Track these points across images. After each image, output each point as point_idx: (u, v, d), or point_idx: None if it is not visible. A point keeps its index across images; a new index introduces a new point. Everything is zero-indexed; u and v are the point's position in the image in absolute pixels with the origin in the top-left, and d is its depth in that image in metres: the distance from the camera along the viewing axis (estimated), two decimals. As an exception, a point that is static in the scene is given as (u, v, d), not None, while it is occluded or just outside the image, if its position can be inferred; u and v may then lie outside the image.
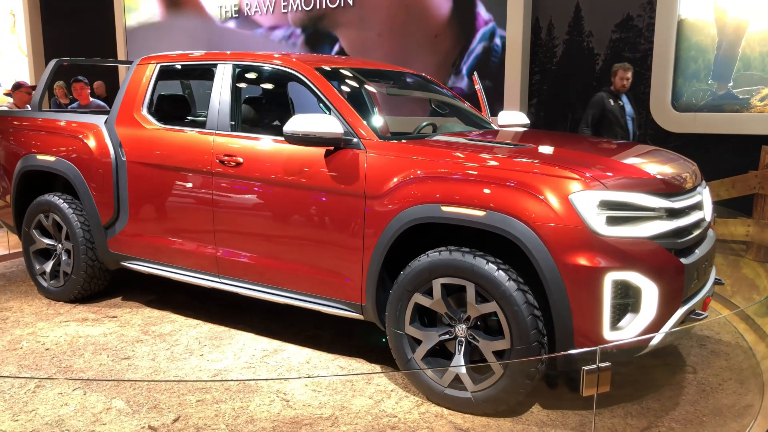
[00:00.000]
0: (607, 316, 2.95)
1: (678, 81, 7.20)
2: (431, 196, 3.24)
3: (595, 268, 2.92)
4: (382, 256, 3.41)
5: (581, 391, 2.60)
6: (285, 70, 4.00)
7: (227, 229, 4.03)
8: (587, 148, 3.92)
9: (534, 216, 2.99)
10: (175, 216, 4.28)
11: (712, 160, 6.51)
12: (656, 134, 7.34)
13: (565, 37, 7.88)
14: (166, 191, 4.28)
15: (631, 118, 6.56)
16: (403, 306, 3.36)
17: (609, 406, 3.34)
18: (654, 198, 3.06)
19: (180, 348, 4.07)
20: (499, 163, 3.22)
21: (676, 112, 7.24)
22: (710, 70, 7.06)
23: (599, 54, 7.72)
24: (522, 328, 3.03)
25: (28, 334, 4.30)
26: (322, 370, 3.79)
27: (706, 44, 7.06)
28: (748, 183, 6.05)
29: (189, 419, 3.18)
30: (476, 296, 3.16)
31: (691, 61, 7.13)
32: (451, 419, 3.21)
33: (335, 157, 3.58)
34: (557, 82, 8.09)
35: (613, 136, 6.35)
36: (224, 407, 3.31)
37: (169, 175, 4.24)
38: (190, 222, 4.20)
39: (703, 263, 3.32)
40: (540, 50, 8.08)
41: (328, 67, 4.06)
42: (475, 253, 3.15)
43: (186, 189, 4.16)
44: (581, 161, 3.25)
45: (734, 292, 5.19)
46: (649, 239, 3.01)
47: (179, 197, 4.22)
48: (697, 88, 7.16)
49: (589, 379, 2.61)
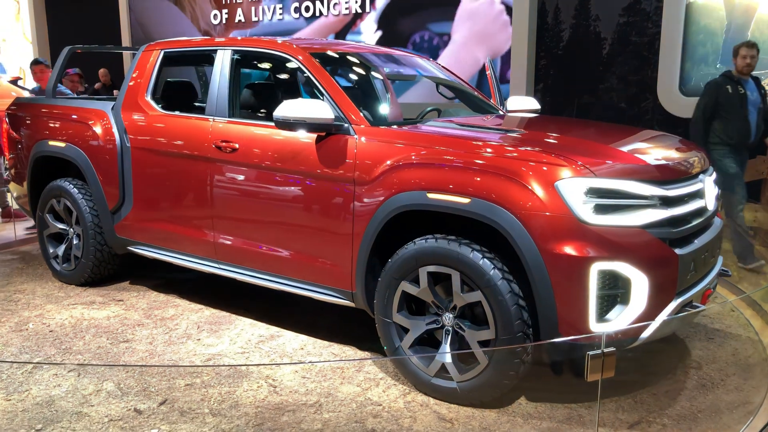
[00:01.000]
0: (593, 307, 2.86)
1: (686, 65, 7.01)
2: (418, 183, 3.19)
3: (580, 258, 2.83)
4: (371, 244, 3.38)
5: (585, 377, 2.52)
6: (280, 54, 3.97)
7: (224, 215, 4.05)
8: (584, 134, 3.80)
9: (518, 204, 2.92)
10: (176, 201, 4.32)
11: None
12: (664, 119, 7.19)
13: (572, 21, 7.74)
14: (168, 177, 4.32)
15: (757, 108, 5.46)
16: (390, 294, 3.32)
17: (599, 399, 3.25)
18: (646, 186, 2.94)
19: (179, 332, 4.12)
20: (485, 150, 3.14)
21: (684, 96, 7.01)
22: (719, 54, 6.91)
23: (606, 38, 7.57)
24: (506, 318, 2.97)
25: (36, 316, 4.41)
26: (315, 356, 3.79)
27: (715, 27, 6.84)
28: (757, 168, 5.89)
29: (175, 403, 3.21)
30: (461, 285, 3.10)
31: (700, 45, 6.94)
32: (435, 409, 3.17)
33: (326, 143, 3.55)
34: (564, 67, 7.94)
35: (733, 130, 5.40)
36: (212, 392, 3.33)
37: (170, 161, 4.27)
38: (190, 207, 4.23)
39: (703, 254, 3.19)
40: (546, 35, 7.95)
41: (325, 52, 4.02)
42: (460, 241, 3.09)
43: (186, 175, 4.19)
44: (572, 147, 3.15)
45: (741, 277, 5.10)
46: (641, 228, 2.91)
47: (180, 183, 4.26)
48: (706, 72, 6.95)
49: (593, 363, 2.53)
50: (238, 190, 3.95)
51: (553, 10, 7.89)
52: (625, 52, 7.50)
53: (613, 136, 3.70)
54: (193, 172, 4.14)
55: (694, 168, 3.31)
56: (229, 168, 3.95)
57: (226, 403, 3.22)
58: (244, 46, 4.20)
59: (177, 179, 4.26)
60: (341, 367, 3.61)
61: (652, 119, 7.21)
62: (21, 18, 15.24)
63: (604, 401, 3.23)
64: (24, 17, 15.04)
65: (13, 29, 15.51)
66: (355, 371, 3.57)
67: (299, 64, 3.83)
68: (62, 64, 5.38)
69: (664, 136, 3.80)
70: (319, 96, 3.70)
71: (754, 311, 4.50)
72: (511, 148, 3.13)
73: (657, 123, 7.17)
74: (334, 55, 4.17)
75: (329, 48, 4.22)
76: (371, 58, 4.45)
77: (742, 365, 3.76)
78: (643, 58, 6.58)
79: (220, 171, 4.00)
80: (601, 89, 7.71)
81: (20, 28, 15.33)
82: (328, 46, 4.39)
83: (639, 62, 6.54)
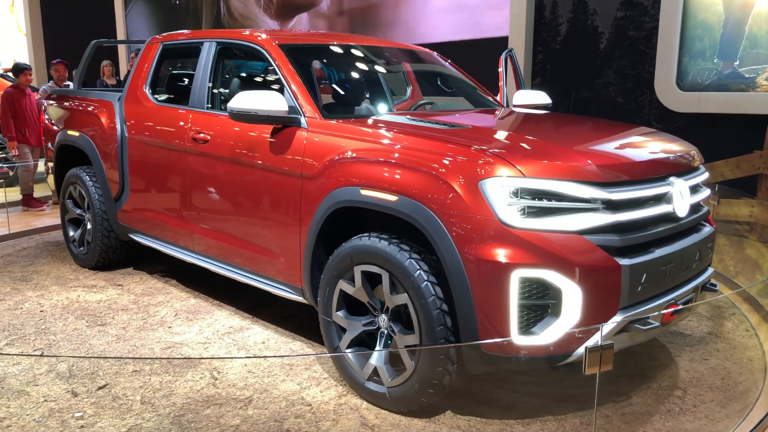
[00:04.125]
0: (514, 317, 2.64)
1: (683, 60, 6.84)
2: (354, 179, 3.07)
3: (499, 264, 2.61)
4: (314, 240, 3.29)
5: (584, 370, 2.36)
6: (251, 45, 3.95)
7: (197, 205, 4.09)
8: (539, 130, 3.53)
9: (441, 203, 2.74)
10: (162, 191, 4.41)
11: (717, 140, 6.60)
12: (661, 114, 7.05)
13: (570, 15, 7.62)
14: (155, 167, 4.42)
15: None
16: (330, 292, 3.23)
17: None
18: (586, 187, 2.68)
19: (155, 319, 4.20)
20: (418, 146, 2.96)
21: (681, 91, 6.96)
22: (716, 48, 6.78)
23: (604, 32, 7.46)
24: (429, 323, 2.80)
25: (37, 296, 4.64)
26: (272, 351, 3.75)
27: (713, 22, 6.74)
28: (753, 163, 5.94)
29: (114, 388, 3.27)
30: (390, 286, 2.96)
31: (697, 40, 6.79)
32: (364, 414, 3.05)
33: (280, 136, 3.49)
34: (561, 62, 7.83)
35: None
36: (154, 380, 3.37)
37: (157, 151, 4.37)
38: (172, 198, 4.30)
39: (665, 265, 2.87)
40: (544, 29, 7.82)
41: (297, 43, 3.95)
42: (390, 240, 2.94)
43: (169, 165, 4.27)
44: (512, 146, 2.92)
45: (737, 272, 5.10)
46: (577, 234, 2.65)
47: (164, 173, 4.34)
48: (703, 67, 6.81)
49: (591, 357, 2.36)
50: (209, 182, 3.97)
51: (551, 5, 7.73)
52: (622, 46, 7.39)
53: (583, 134, 3.42)
54: (174, 163, 4.21)
55: (661, 170, 2.99)
56: (201, 159, 3.99)
57: (161, 392, 3.24)
58: (223, 38, 4.21)
59: (163, 169, 4.35)
60: (291, 364, 3.55)
61: (649, 114, 7.08)
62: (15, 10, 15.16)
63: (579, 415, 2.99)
64: (18, 9, 14.93)
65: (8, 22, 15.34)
66: (303, 369, 3.50)
67: (266, 55, 3.80)
68: (87, 57, 5.63)
69: (649, 133, 3.48)
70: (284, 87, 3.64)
71: (751, 306, 4.42)
72: (444, 144, 2.92)
73: (654, 118, 7.05)
74: (305, 47, 4.10)
75: (304, 39, 4.15)
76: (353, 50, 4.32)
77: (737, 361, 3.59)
78: (641, 52, 6.48)
79: (194, 162, 4.04)
80: (599, 84, 7.59)
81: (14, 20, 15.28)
82: (303, 37, 4.31)
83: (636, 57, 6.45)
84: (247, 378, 3.39)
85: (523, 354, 2.69)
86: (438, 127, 3.21)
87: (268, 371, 3.47)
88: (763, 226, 5.82)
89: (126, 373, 3.44)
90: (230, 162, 3.78)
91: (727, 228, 6.02)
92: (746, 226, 5.99)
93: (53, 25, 14.52)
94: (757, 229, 5.88)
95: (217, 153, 3.86)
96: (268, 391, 3.26)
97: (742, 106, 6.66)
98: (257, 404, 3.13)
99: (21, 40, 15.11)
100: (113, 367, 3.51)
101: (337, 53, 4.21)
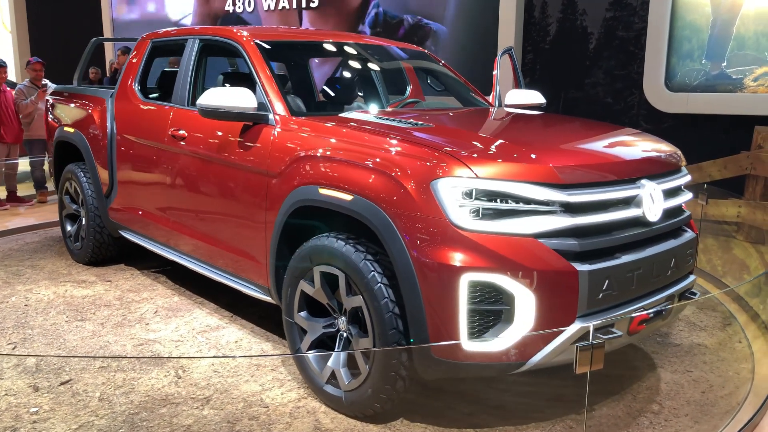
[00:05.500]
0: (464, 323, 2.55)
1: (672, 60, 6.89)
2: (313, 178, 3.02)
3: (448, 267, 2.52)
4: (278, 238, 3.24)
5: (574, 369, 2.29)
6: (229, 42, 3.91)
7: (176, 203, 4.08)
8: (507, 130, 3.42)
9: (394, 203, 2.66)
10: (145, 188, 4.41)
11: (705, 141, 6.72)
12: (649, 114, 7.10)
13: (559, 15, 7.67)
14: (140, 164, 4.42)
15: None
16: (292, 293, 3.17)
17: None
18: (542, 189, 2.57)
19: (135, 316, 4.20)
20: (376, 145, 2.88)
21: (670, 92, 7.03)
22: (704, 49, 6.86)
23: (593, 33, 7.50)
24: (381, 326, 2.72)
25: (25, 290, 4.69)
26: (244, 351, 3.72)
27: (701, 23, 6.84)
28: (740, 164, 5.99)
29: (77, 384, 3.27)
30: (347, 288, 2.89)
31: (685, 41, 6.87)
32: (320, 418, 2.99)
33: (249, 133, 3.46)
34: (550, 62, 7.86)
35: None
36: (119, 376, 3.36)
37: (141, 148, 4.37)
38: (154, 194, 4.30)
39: (631, 272, 2.74)
40: (533, 29, 7.86)
41: (270, 40, 3.90)
42: (346, 241, 2.87)
43: (151, 163, 4.27)
44: (465, 144, 2.82)
45: (725, 272, 5.14)
46: (531, 237, 2.55)
47: (148, 170, 4.34)
48: (691, 67, 6.86)
49: (582, 356, 2.28)
50: (186, 180, 3.96)
51: (540, 5, 7.74)
52: (611, 47, 7.42)
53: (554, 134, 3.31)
54: (156, 161, 4.20)
55: (630, 172, 2.85)
56: (178, 157, 3.97)
57: (123, 389, 3.23)
58: (205, 35, 4.19)
59: (146, 167, 4.35)
60: (258, 365, 3.51)
61: (637, 114, 7.13)
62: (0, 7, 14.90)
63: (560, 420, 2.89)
64: (3, 5, 14.72)
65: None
66: (270, 370, 3.45)
67: (242, 51, 3.76)
68: (87, 54, 5.68)
69: (626, 134, 3.34)
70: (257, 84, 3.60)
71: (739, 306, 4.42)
72: (403, 143, 2.84)
73: (643, 118, 7.09)
74: (281, 43, 4.05)
75: (283, 36, 4.10)
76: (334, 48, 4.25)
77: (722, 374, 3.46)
78: (630, 53, 6.57)
79: (173, 160, 4.03)
80: (588, 84, 7.59)
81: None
82: (285, 34, 4.24)
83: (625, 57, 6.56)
84: (211, 378, 3.36)
85: (475, 361, 2.59)
86: (402, 126, 3.13)
87: (234, 371, 3.43)
88: (751, 226, 5.85)
89: (92, 369, 3.44)
90: (203, 160, 3.75)
91: (715, 228, 6.08)
92: (734, 227, 6.05)
93: (38, 22, 14.34)
94: (745, 229, 5.93)
95: (192, 150, 3.84)
96: (228, 391, 3.22)
97: (729, 107, 6.72)
98: (215, 404, 3.09)
99: (5, 37, 14.92)
100: (81, 362, 3.51)
101: (316, 51, 4.16)
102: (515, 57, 5.51)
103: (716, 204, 5.92)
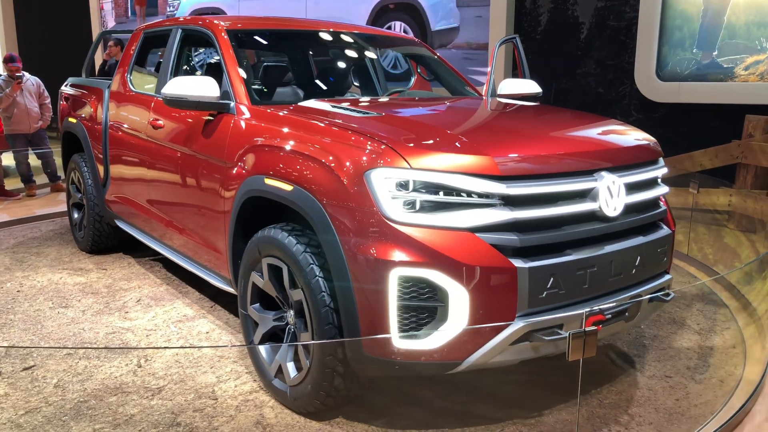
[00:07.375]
0: (393, 320, 2.44)
1: (663, 50, 6.79)
2: (262, 167, 2.95)
3: (378, 261, 2.42)
4: (234, 229, 3.20)
5: (567, 356, 2.24)
6: (203, 31, 3.88)
7: (154, 192, 4.10)
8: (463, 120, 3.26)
9: (329, 194, 2.57)
10: (131, 178, 4.45)
11: (696, 130, 6.76)
12: (640, 104, 6.99)
13: (550, 5, 7.54)
14: (127, 154, 4.46)
15: None
16: (245, 284, 3.13)
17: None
18: (480, 181, 2.43)
19: (117, 304, 4.25)
20: (319, 134, 2.79)
21: (661, 81, 6.97)
22: (695, 38, 6.79)
23: (584, 23, 7.38)
24: (318, 321, 2.64)
25: (23, 277, 4.81)
26: (212, 342, 3.70)
27: (692, 13, 6.77)
28: (731, 153, 5.99)
29: (38, 370, 3.31)
30: (290, 280, 2.82)
31: (677, 30, 6.84)
32: (265, 413, 2.93)
33: (213, 123, 3.42)
34: (541, 52, 7.74)
35: None
36: (81, 364, 3.38)
37: (128, 138, 4.40)
38: (138, 184, 4.33)
39: (583, 269, 2.58)
40: (524, 19, 7.75)
41: (241, 29, 3.84)
42: (290, 232, 2.80)
43: (136, 152, 4.30)
44: (404, 134, 2.68)
45: (716, 260, 5.18)
46: (467, 231, 2.42)
47: (133, 160, 4.37)
48: (682, 57, 6.77)
49: (575, 344, 2.23)
50: (162, 169, 3.96)
51: None
52: (602, 37, 7.27)
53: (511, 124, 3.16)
54: (140, 150, 4.22)
55: (586, 164, 2.68)
56: (154, 146, 3.98)
57: (81, 376, 3.25)
58: (185, 25, 4.18)
59: (132, 156, 4.38)
60: (220, 356, 3.48)
61: (629, 104, 7.02)
62: None
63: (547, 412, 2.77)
64: None
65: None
66: (230, 362, 3.42)
67: (213, 40, 3.73)
68: (94, 47, 5.78)
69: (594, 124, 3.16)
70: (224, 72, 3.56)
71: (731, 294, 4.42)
72: (342, 132, 2.74)
73: (634, 108, 6.99)
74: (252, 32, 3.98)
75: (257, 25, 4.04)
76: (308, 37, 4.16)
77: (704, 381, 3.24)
78: (621, 43, 6.47)
79: (151, 150, 4.04)
80: (579, 74, 7.45)
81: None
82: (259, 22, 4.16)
83: (616, 47, 6.50)
84: (171, 368, 3.35)
85: (408, 359, 2.49)
86: (351, 115, 3.03)
87: (195, 362, 3.41)
88: (742, 215, 5.88)
89: (57, 356, 3.48)
90: (173, 150, 3.74)
91: (706, 217, 6.11)
92: (725, 215, 6.09)
93: (26, 17, 14.19)
94: (736, 218, 5.95)
95: (166, 140, 3.84)
96: (184, 382, 3.20)
97: (720, 96, 6.65)
98: (165, 395, 3.08)
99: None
100: (48, 349, 3.56)
101: (289, 39, 4.09)
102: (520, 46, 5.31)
103: (707, 193, 5.95)
